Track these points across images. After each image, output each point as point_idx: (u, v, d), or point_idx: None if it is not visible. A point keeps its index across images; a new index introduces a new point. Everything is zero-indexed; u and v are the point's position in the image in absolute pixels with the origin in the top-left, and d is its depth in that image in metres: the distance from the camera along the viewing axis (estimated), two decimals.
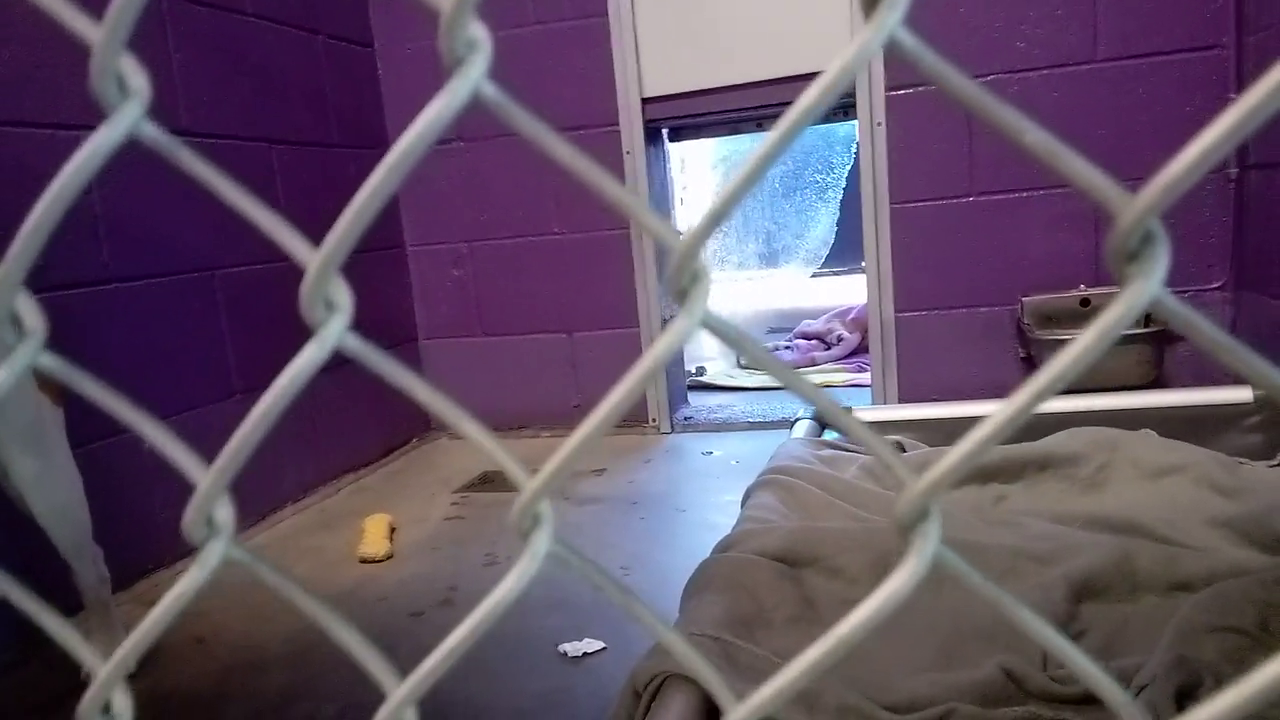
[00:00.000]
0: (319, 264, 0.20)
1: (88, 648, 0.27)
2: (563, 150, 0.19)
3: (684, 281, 0.18)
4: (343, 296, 0.21)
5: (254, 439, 0.21)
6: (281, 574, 0.24)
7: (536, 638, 1.46)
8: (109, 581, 1.45)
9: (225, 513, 0.23)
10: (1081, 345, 0.16)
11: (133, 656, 0.24)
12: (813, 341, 3.80)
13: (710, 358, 3.81)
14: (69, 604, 1.48)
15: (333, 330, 0.20)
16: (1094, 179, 0.16)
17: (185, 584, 0.23)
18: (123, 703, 0.24)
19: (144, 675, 1.43)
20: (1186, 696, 0.89)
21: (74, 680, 1.39)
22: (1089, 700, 0.91)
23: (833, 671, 1.03)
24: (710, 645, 1.01)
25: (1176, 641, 0.95)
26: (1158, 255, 0.16)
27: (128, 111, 0.19)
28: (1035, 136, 0.16)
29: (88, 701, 0.24)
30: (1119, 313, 0.16)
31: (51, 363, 0.23)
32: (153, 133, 0.20)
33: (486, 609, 0.21)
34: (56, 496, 1.33)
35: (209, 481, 0.22)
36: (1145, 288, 0.16)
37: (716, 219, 0.17)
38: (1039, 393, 0.17)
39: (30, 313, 0.22)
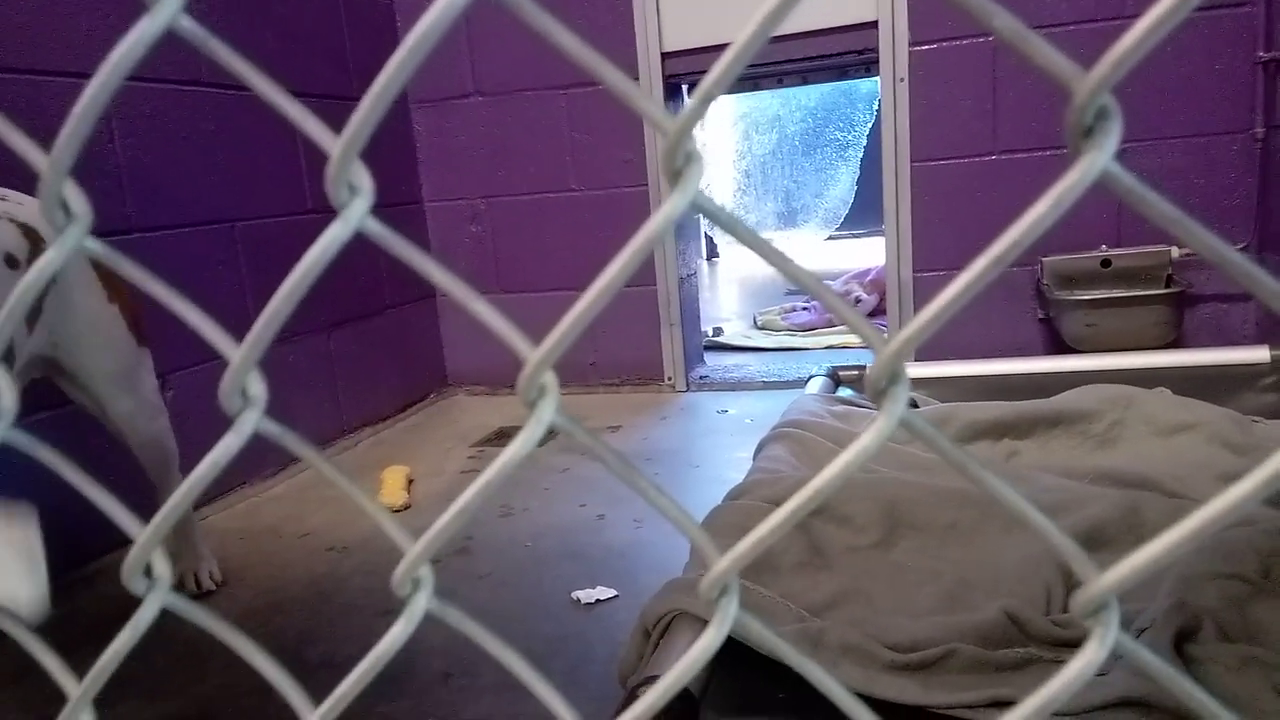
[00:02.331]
0: (342, 147, 0.21)
1: (126, 513, 0.29)
2: (567, 40, 0.20)
3: (678, 162, 0.20)
4: (364, 180, 0.22)
5: (282, 314, 0.23)
6: (303, 444, 0.26)
7: (550, 586, 1.50)
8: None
9: (258, 387, 0.25)
10: (1034, 215, 0.17)
11: (170, 520, 0.26)
12: None
13: (726, 319, 3.83)
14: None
15: (355, 210, 0.22)
16: (1055, 60, 0.18)
17: (220, 450, 0.25)
18: (162, 566, 0.27)
19: (167, 612, 1.49)
20: (1186, 639, 0.91)
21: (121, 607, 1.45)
22: None
23: (838, 614, 1.06)
24: None
25: (1178, 587, 0.96)
26: (1110, 130, 0.17)
27: (167, 4, 0.20)
28: (1003, 21, 0.18)
29: (129, 563, 0.27)
30: (1071, 181, 0.17)
31: (97, 247, 0.25)
32: (190, 25, 0.21)
33: (496, 468, 0.22)
34: (150, 429, 1.47)
35: (241, 355, 0.24)
36: (1098, 159, 0.17)
37: (708, 99, 0.19)
38: (998, 258, 0.18)
39: (76, 198, 0.24)
